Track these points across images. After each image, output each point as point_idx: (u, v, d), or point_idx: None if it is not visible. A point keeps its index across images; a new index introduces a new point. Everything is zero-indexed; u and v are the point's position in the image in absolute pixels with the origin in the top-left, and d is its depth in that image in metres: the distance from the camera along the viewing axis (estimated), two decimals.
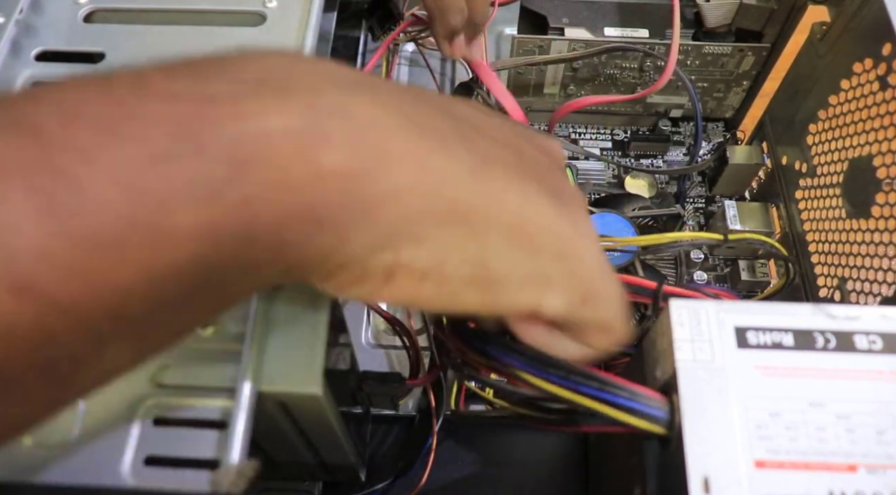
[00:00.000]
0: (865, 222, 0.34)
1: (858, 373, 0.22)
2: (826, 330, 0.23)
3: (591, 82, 0.48)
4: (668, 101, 0.50)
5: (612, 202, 0.45)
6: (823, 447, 0.21)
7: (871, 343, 0.22)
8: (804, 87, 0.41)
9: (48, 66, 0.30)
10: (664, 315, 0.23)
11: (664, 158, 0.51)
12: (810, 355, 0.22)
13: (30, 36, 0.30)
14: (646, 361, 0.25)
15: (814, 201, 0.40)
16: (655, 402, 0.21)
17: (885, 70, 0.33)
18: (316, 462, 0.33)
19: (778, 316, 0.23)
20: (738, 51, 0.45)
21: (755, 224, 0.44)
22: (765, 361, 0.22)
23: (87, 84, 0.16)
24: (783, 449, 0.20)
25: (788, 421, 0.21)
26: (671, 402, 0.21)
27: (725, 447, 0.20)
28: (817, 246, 0.39)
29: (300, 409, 0.26)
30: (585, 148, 0.50)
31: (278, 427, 0.27)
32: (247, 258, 0.17)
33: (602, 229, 0.41)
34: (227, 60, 0.18)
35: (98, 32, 0.30)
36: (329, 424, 0.27)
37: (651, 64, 0.46)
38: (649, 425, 0.21)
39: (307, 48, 0.30)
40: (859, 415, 0.21)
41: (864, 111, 0.35)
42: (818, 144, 0.40)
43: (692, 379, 0.21)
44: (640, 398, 0.21)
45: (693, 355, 0.22)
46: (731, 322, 0.23)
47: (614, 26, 0.46)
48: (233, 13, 0.31)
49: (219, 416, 0.23)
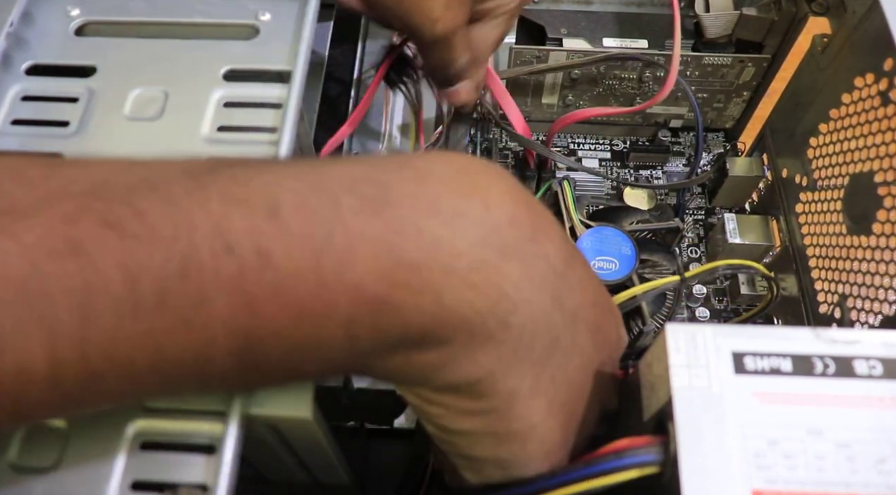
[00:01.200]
0: (866, 239, 0.34)
1: (858, 400, 0.21)
2: (825, 354, 0.22)
3: (589, 93, 0.48)
4: (667, 111, 0.49)
5: (611, 215, 0.44)
6: (822, 476, 0.20)
7: (871, 368, 0.22)
8: (805, 100, 0.40)
9: (39, 81, 0.29)
10: (660, 338, 0.23)
11: (664, 169, 0.50)
12: (809, 381, 0.22)
13: (21, 49, 0.30)
14: (642, 385, 0.24)
15: (814, 215, 0.39)
16: (643, 450, 0.21)
17: (886, 85, 0.32)
18: (309, 481, 0.32)
19: (776, 340, 0.22)
20: (739, 62, 0.45)
21: (755, 237, 0.44)
22: (763, 388, 0.21)
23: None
24: (781, 479, 0.20)
25: (787, 449, 0.21)
26: (667, 430, 0.21)
27: (722, 477, 0.20)
28: (817, 261, 0.39)
29: (291, 432, 0.25)
30: (584, 158, 0.50)
31: (270, 448, 0.27)
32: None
33: (599, 244, 0.41)
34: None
35: (90, 46, 0.30)
36: (321, 445, 0.27)
37: (650, 75, 0.46)
38: (642, 471, 0.21)
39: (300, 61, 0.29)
40: (859, 444, 0.21)
41: (866, 126, 0.34)
42: (819, 158, 0.39)
43: (689, 406, 0.21)
44: (626, 454, 0.21)
45: (689, 381, 0.21)
46: (729, 346, 0.22)
47: (613, 37, 0.46)
48: (225, 26, 0.31)
49: (207, 441, 0.23)
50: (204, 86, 0.29)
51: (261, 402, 0.24)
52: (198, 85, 0.29)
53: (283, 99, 0.28)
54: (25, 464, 0.22)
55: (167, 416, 0.23)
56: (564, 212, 0.43)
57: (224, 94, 0.29)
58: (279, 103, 0.28)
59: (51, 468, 0.22)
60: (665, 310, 0.39)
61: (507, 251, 0.21)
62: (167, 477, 0.22)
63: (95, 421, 0.23)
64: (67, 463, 0.22)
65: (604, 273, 0.40)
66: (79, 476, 0.22)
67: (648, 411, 0.23)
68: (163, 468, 0.22)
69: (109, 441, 0.22)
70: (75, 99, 0.28)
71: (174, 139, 0.27)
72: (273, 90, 0.29)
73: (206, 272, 0.17)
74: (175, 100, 0.28)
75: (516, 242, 0.21)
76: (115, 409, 0.23)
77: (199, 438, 0.23)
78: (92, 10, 0.31)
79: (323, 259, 0.18)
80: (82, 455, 0.22)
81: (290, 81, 0.29)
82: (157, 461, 0.22)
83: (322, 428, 0.26)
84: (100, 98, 0.29)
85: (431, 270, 0.19)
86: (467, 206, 0.20)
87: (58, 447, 0.22)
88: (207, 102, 0.28)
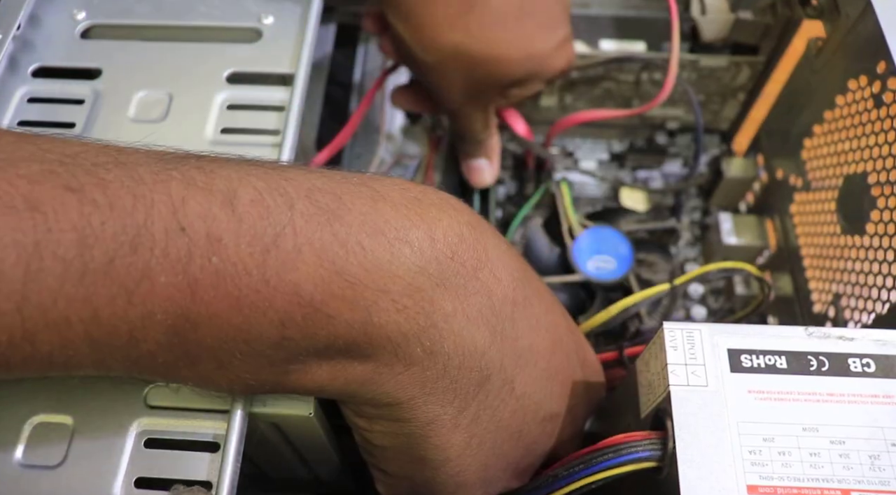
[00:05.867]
0: (860, 239, 0.34)
1: (852, 397, 0.22)
2: (820, 352, 0.23)
3: (587, 95, 0.48)
4: (664, 113, 0.50)
5: (608, 216, 0.45)
6: (817, 473, 0.21)
7: (864, 366, 0.22)
8: (799, 102, 0.41)
9: (45, 83, 0.30)
10: (657, 337, 0.23)
11: (661, 171, 0.51)
12: (804, 379, 0.22)
13: (27, 52, 0.30)
14: (639, 383, 0.25)
15: (809, 216, 0.40)
16: (642, 446, 0.22)
17: (879, 88, 0.33)
18: (310, 477, 0.33)
19: (771, 338, 0.23)
20: (734, 64, 0.45)
21: (750, 237, 0.44)
22: (758, 385, 0.22)
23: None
24: (776, 475, 0.20)
25: (782, 446, 0.21)
26: (665, 428, 0.21)
27: (718, 473, 0.20)
28: (812, 261, 0.39)
29: (293, 429, 0.26)
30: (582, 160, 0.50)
31: (272, 445, 0.27)
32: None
33: (597, 244, 0.41)
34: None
35: (95, 48, 0.30)
36: (322, 442, 0.27)
37: (647, 77, 0.46)
38: (640, 466, 0.21)
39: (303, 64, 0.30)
40: (853, 441, 0.21)
41: (860, 128, 0.35)
42: (813, 159, 0.40)
43: (686, 404, 0.21)
44: (624, 449, 0.22)
45: (686, 379, 0.22)
46: (725, 344, 0.23)
47: (611, 40, 0.46)
48: (229, 30, 0.31)
49: (211, 438, 0.23)
50: (208, 88, 0.29)
51: (264, 400, 0.24)
52: (202, 87, 0.29)
53: (285, 102, 0.29)
54: (31, 462, 0.22)
55: (171, 414, 0.23)
56: (562, 213, 0.43)
57: (227, 96, 0.29)
58: (282, 106, 0.29)
59: (56, 465, 0.22)
60: (661, 309, 0.40)
61: (443, 283, 0.21)
62: (171, 474, 0.22)
63: (100, 419, 0.23)
64: (73, 460, 0.22)
65: (601, 272, 0.41)
66: (84, 473, 0.22)
67: (645, 409, 0.24)
68: (167, 465, 0.22)
69: (114, 438, 0.23)
70: (81, 101, 0.29)
71: (178, 141, 0.28)
72: (276, 93, 0.29)
73: (157, 249, 0.18)
74: (179, 102, 0.29)
75: (455, 276, 0.22)
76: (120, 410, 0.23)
77: (202, 436, 0.23)
78: (97, 13, 0.31)
79: (268, 255, 0.19)
80: (87, 452, 0.22)
81: (293, 84, 0.29)
82: (161, 458, 0.22)
83: (323, 426, 0.26)
84: (105, 100, 0.29)
85: (366, 287, 0.20)
86: (412, 234, 0.21)
87: (63, 444, 0.22)
88: (211, 105, 0.29)
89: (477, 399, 0.23)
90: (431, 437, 0.23)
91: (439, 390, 0.22)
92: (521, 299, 0.24)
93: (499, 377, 0.24)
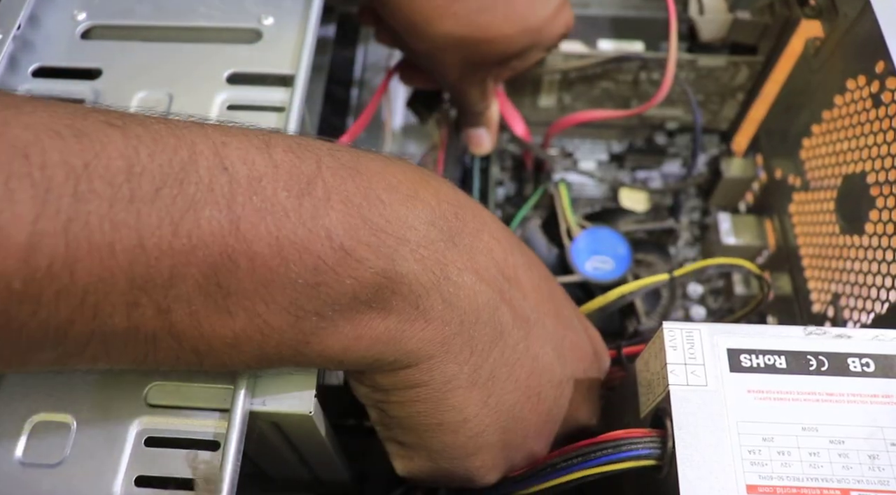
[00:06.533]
0: (859, 238, 0.35)
1: (852, 397, 0.22)
2: (819, 352, 0.23)
3: (586, 95, 0.48)
4: (663, 113, 0.50)
5: (607, 216, 0.45)
6: (816, 472, 0.21)
7: (863, 365, 0.23)
8: (798, 102, 0.41)
9: (45, 83, 0.30)
10: (657, 337, 0.23)
11: (660, 171, 0.51)
12: (803, 379, 0.22)
13: (27, 51, 0.30)
14: (639, 382, 0.25)
15: (807, 215, 0.40)
16: (641, 443, 0.22)
17: (877, 88, 0.33)
18: (310, 477, 0.33)
19: (771, 338, 0.23)
20: (733, 64, 0.45)
21: (749, 237, 0.45)
22: (758, 385, 0.22)
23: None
24: (776, 475, 0.21)
25: (781, 446, 0.21)
26: (664, 427, 0.21)
27: (718, 472, 0.20)
28: (810, 260, 0.39)
29: (293, 428, 0.26)
30: (581, 160, 0.50)
31: (272, 444, 0.27)
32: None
33: (595, 245, 0.42)
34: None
35: (95, 49, 0.30)
36: (322, 442, 0.27)
37: (646, 77, 0.46)
38: (639, 463, 0.21)
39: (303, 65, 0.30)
40: (852, 440, 0.21)
41: (858, 127, 0.35)
42: (812, 159, 0.40)
43: (685, 403, 0.21)
44: (624, 446, 0.22)
45: (686, 379, 0.22)
46: (724, 344, 0.23)
47: (609, 40, 0.46)
48: (229, 30, 0.31)
49: (211, 437, 0.23)
50: (208, 89, 0.29)
51: (263, 399, 0.24)
52: (202, 88, 0.29)
53: (285, 102, 0.29)
54: (32, 460, 0.22)
55: (171, 413, 0.23)
56: (560, 214, 0.43)
57: (227, 96, 0.29)
58: (282, 107, 0.29)
59: (57, 464, 0.22)
60: (660, 309, 0.40)
61: (452, 239, 0.23)
62: (171, 472, 0.22)
63: (101, 417, 0.23)
64: (73, 458, 0.22)
65: (599, 273, 0.41)
66: (84, 471, 0.22)
67: (645, 408, 0.24)
68: (167, 464, 0.22)
69: (115, 437, 0.23)
70: (81, 101, 0.29)
71: None
72: (276, 94, 0.29)
73: (202, 184, 0.18)
74: (179, 102, 0.29)
75: (461, 234, 0.23)
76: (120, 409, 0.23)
77: (202, 434, 0.23)
78: (98, 13, 0.31)
79: (304, 200, 0.20)
80: (88, 451, 0.22)
81: (293, 85, 0.29)
82: (161, 457, 0.22)
83: (323, 425, 0.26)
84: (105, 100, 0.29)
85: (389, 235, 0.21)
86: (421, 192, 0.23)
87: (64, 443, 0.22)
88: (211, 105, 0.29)
89: (492, 356, 0.24)
90: (449, 398, 0.23)
91: (456, 347, 0.23)
92: (522, 263, 0.26)
93: (512, 335, 0.24)
